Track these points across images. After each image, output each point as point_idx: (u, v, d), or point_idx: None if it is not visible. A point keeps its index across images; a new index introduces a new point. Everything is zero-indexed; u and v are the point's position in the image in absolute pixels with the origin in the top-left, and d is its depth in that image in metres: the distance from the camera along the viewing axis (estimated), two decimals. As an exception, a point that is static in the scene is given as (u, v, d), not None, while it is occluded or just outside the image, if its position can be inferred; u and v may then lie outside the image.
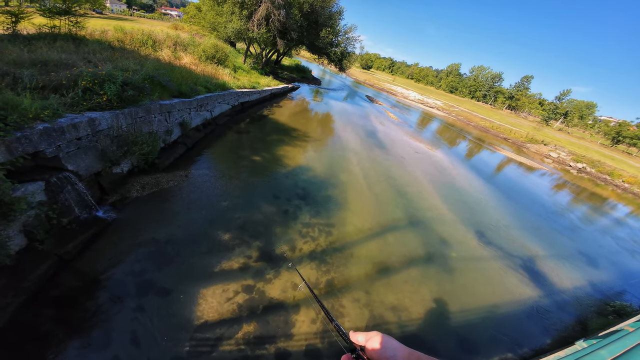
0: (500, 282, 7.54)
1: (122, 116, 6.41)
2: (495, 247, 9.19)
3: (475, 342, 5.52)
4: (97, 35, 11.49)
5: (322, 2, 24.48)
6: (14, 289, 3.92)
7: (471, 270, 7.62)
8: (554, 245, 10.76)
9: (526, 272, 8.30)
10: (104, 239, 5.32)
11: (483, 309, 6.38)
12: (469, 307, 6.28)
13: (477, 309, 6.31)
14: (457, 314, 6.03)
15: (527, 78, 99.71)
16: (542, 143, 37.31)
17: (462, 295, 6.58)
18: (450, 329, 5.68)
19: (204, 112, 11.34)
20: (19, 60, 6.27)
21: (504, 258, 8.71)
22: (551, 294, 7.68)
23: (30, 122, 4.55)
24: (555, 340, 6.12)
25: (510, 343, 5.75)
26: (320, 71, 58.94)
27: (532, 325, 6.42)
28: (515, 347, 5.68)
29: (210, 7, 21.66)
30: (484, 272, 7.76)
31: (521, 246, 9.78)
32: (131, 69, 7.68)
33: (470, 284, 7.04)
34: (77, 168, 5.38)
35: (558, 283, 8.29)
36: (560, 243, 11.15)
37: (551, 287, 7.99)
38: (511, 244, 9.68)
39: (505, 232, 10.50)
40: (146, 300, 4.51)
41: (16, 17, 9.15)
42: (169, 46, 14.44)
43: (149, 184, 7.17)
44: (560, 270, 8.99)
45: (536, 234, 11.16)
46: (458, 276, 7.19)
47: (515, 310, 6.66)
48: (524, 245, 9.93)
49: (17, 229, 4.25)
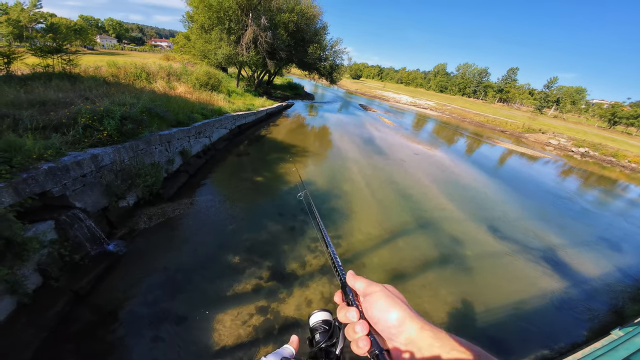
0: (523, 276, 7.38)
1: (124, 150, 6.58)
2: (511, 241, 9.06)
3: (506, 341, 5.37)
4: (91, 71, 11.94)
5: (306, 19, 25.46)
6: (35, 327, 3.96)
7: (490, 267, 7.50)
8: (571, 232, 10.60)
9: (548, 264, 8.13)
10: (116, 272, 5.34)
11: (509, 306, 6.22)
12: (494, 306, 6.13)
13: (502, 307, 6.15)
14: (483, 313, 5.88)
15: (513, 70, 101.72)
16: (540, 132, 37.51)
17: (484, 294, 6.44)
18: (477, 329, 5.53)
19: (202, 139, 11.59)
20: (17, 101, 6.48)
21: (522, 251, 8.56)
22: (578, 283, 7.49)
23: (35, 162, 4.66)
24: (590, 331, 5.94)
25: (543, 338, 5.58)
26: (312, 86, 60.37)
27: (563, 317, 6.24)
28: (549, 342, 5.50)
29: (198, 35, 22.51)
30: (504, 267, 7.62)
31: (537, 237, 9.64)
32: (128, 102, 7.92)
33: (492, 282, 6.90)
34: (85, 205, 5.48)
35: (584, 271, 8.09)
36: (577, 230, 10.99)
37: (577, 276, 7.81)
38: (527, 236, 9.54)
39: (519, 224, 10.38)
40: (163, 329, 4.46)
41: (8, 58, 9.46)
42: (162, 77, 14.97)
43: (156, 214, 7.25)
44: (583, 258, 8.80)
45: (551, 223, 11.02)
46: (477, 275, 7.06)
47: (543, 304, 6.49)
48: (540, 236, 9.78)
49: (32, 268, 4.31)
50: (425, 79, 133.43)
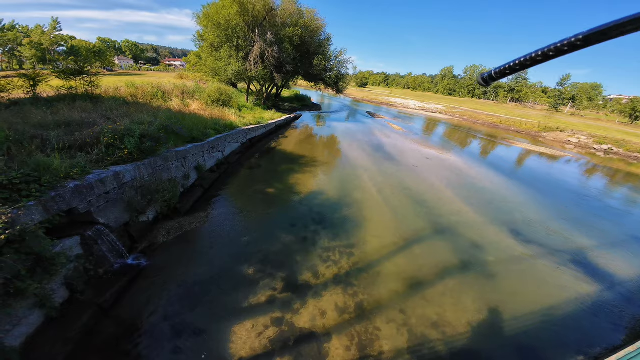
0: (552, 281, 7.06)
1: (144, 167, 6.90)
2: (537, 244, 8.69)
3: (537, 349, 5.12)
4: (111, 92, 12.69)
5: (310, 32, 26.19)
6: (62, 340, 4.12)
7: (515, 272, 7.22)
8: (601, 233, 10.08)
9: (579, 267, 7.74)
10: (138, 285, 5.51)
11: (539, 313, 5.95)
12: (521, 313, 5.87)
13: (531, 314, 5.89)
14: (510, 321, 5.64)
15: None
16: (558, 130, 36.28)
17: (510, 301, 6.18)
18: (505, 338, 5.30)
19: (216, 153, 11.95)
20: (44, 122, 6.96)
21: (550, 255, 8.18)
22: (613, 286, 7.10)
23: (62, 181, 4.95)
24: (629, 335, 5.60)
25: (578, 344, 5.31)
26: (319, 96, 61.30)
27: (599, 322, 5.92)
28: (585, 348, 5.23)
29: (209, 53, 23.60)
30: (531, 273, 7.31)
31: (565, 239, 9.22)
32: (146, 121, 8.35)
33: (518, 288, 6.63)
34: (108, 220, 5.75)
35: (618, 273, 7.66)
36: (607, 230, 10.44)
37: (611, 278, 7.41)
38: (553, 239, 9.15)
39: (543, 226, 9.97)
40: (182, 341, 4.54)
41: (34, 81, 10.21)
42: (177, 95, 15.70)
43: (173, 228, 7.48)
44: (616, 260, 8.34)
45: (578, 224, 10.53)
46: (501, 281, 6.80)
47: (576, 309, 6.18)
48: (568, 238, 9.36)
49: (60, 282, 4.53)
50: (432, 83, 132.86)
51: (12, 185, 4.21)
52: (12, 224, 3.71)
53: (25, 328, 3.97)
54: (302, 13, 25.83)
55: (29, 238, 3.93)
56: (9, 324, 3.77)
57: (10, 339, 3.76)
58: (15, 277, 3.69)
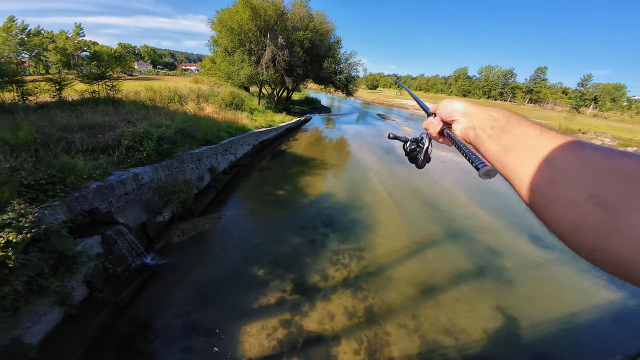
0: (574, 287, 6.78)
1: (161, 169, 7.13)
2: (556, 249, 8.31)
3: (555, 356, 4.94)
4: (131, 96, 13.22)
5: (320, 35, 26.39)
6: (79, 337, 4.26)
7: (534, 279, 6.96)
8: None
9: (600, 273, 7.33)
10: (153, 284, 5.68)
11: (559, 320, 5.71)
12: (540, 320, 5.65)
13: (551, 321, 5.66)
14: (528, 329, 5.44)
15: (542, 69, 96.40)
16: (580, 132, 34.86)
17: (529, 308, 5.96)
18: (522, 345, 5.12)
19: (229, 156, 12.20)
20: (69, 125, 7.32)
21: (570, 260, 7.82)
22: (637, 292, 6.72)
23: (85, 182, 5.16)
24: None
25: (598, 352, 5.09)
26: (329, 99, 61.48)
27: (621, 330, 5.64)
28: (606, 356, 5.02)
29: (222, 58, 24.23)
30: (551, 279, 7.06)
31: None
32: (164, 124, 8.65)
33: (537, 295, 6.39)
34: (127, 220, 5.98)
35: None
36: None
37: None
38: None
39: None
40: (193, 340, 4.63)
41: (60, 85, 10.76)
42: (192, 99, 16.18)
43: (188, 228, 7.67)
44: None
45: None
46: (520, 287, 6.57)
47: (599, 316, 5.92)
48: None
49: (80, 280, 4.72)
50: (445, 85, 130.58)
51: (38, 186, 4.43)
52: (38, 223, 3.89)
53: (44, 325, 4.10)
54: (312, 16, 26.10)
55: (53, 237, 4.12)
56: (30, 320, 3.89)
57: (29, 335, 3.86)
58: (38, 275, 3.84)
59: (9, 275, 3.47)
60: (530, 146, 0.49)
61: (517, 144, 0.51)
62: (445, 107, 0.73)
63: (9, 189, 4.10)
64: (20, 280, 3.58)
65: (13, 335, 3.65)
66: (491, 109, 0.61)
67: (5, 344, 3.53)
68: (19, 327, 3.74)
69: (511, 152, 0.51)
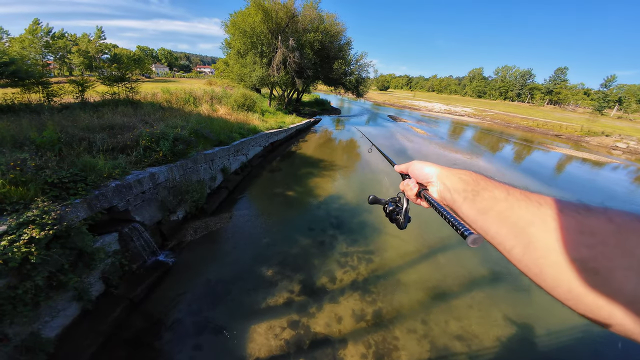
0: None
1: (176, 169, 7.34)
2: None
3: None
4: (149, 98, 13.66)
5: (330, 37, 26.43)
6: (94, 332, 4.42)
7: None
8: None
9: None
10: (166, 282, 5.84)
11: (576, 328, 5.48)
12: (557, 328, 5.46)
13: (568, 329, 5.46)
14: (544, 337, 5.27)
15: (562, 70, 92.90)
16: (603, 134, 33.29)
17: (546, 315, 5.75)
18: (537, 353, 4.96)
19: (240, 157, 12.40)
20: (90, 125, 7.63)
21: None
22: None
23: (105, 180, 5.36)
24: None
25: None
26: (339, 100, 61.39)
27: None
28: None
29: (235, 60, 24.70)
30: None
31: None
32: (179, 125, 8.88)
33: (554, 302, 6.08)
34: (143, 218, 6.19)
35: None
36: None
37: None
38: None
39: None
40: (203, 338, 4.74)
41: (82, 87, 11.23)
42: (206, 101, 16.56)
43: (200, 227, 7.85)
44: None
45: None
46: (537, 295, 6.32)
47: None
48: None
49: (97, 276, 4.90)
50: (459, 85, 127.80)
51: (61, 184, 4.63)
52: (60, 220, 4.07)
53: (62, 320, 4.23)
54: (323, 18, 26.17)
55: (73, 234, 4.29)
56: (49, 315, 4.02)
57: (47, 330, 3.99)
58: (58, 271, 3.99)
59: (31, 270, 3.63)
60: (500, 210, 0.50)
61: (490, 208, 0.52)
62: (419, 170, 0.78)
63: (34, 186, 4.32)
64: (42, 275, 3.74)
65: (32, 330, 3.80)
66: (461, 172, 0.66)
67: (23, 338, 3.67)
68: (38, 321, 3.89)
69: (486, 216, 0.52)
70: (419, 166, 0.78)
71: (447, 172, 0.69)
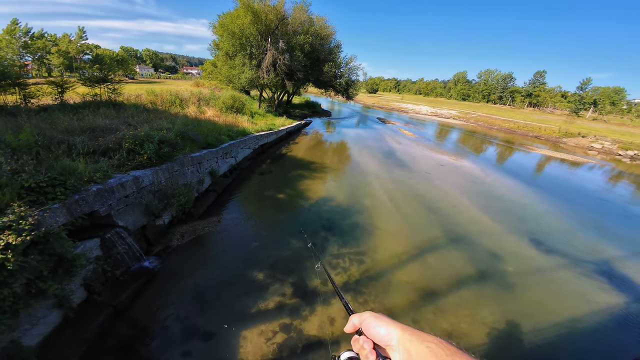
0: (576, 292, 6.75)
1: (161, 172, 7.13)
2: (559, 254, 8.33)
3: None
4: (133, 99, 13.25)
5: (320, 40, 26.58)
6: (77, 340, 4.23)
7: (536, 283, 6.93)
8: (628, 243, 9.58)
9: (604, 278, 7.37)
10: (152, 288, 5.64)
11: (561, 325, 5.69)
12: (543, 325, 5.62)
13: (554, 326, 5.64)
14: (530, 334, 5.41)
15: (541, 73, 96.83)
16: (580, 135, 34.89)
17: (531, 312, 5.94)
18: (524, 350, 5.08)
19: (229, 159, 12.22)
20: (70, 128, 7.32)
21: (573, 265, 7.83)
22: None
23: (85, 184, 5.14)
24: None
25: (603, 356, 5.08)
26: (329, 103, 61.70)
27: (624, 335, 5.61)
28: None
29: (223, 61, 24.41)
30: (553, 284, 7.02)
31: (589, 249, 8.80)
32: (164, 127, 8.65)
33: (539, 299, 6.37)
34: (127, 223, 5.96)
35: None
36: (634, 240, 9.91)
37: (638, 290, 7.04)
38: (577, 249, 8.75)
39: (566, 236, 9.56)
40: (192, 345, 4.59)
41: (62, 88, 10.79)
42: (193, 102, 16.26)
43: (187, 232, 7.65)
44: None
45: (604, 234, 10.04)
46: (521, 292, 6.54)
47: (602, 322, 5.89)
48: (592, 247, 8.93)
49: (79, 283, 4.69)
50: (445, 88, 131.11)
51: (39, 188, 4.42)
52: (37, 225, 3.87)
53: (42, 328, 4.08)
54: (313, 21, 26.31)
55: (52, 239, 4.10)
56: (29, 323, 3.88)
57: (28, 338, 3.85)
58: (37, 278, 3.82)
59: (8, 277, 3.44)
60: None
61: None
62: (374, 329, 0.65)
63: (10, 191, 4.09)
64: (20, 282, 3.56)
65: (12, 338, 3.62)
66: (429, 339, 0.57)
67: (4, 346, 3.50)
68: (17, 329, 3.72)
69: None
70: (374, 324, 0.64)
71: (411, 337, 0.58)
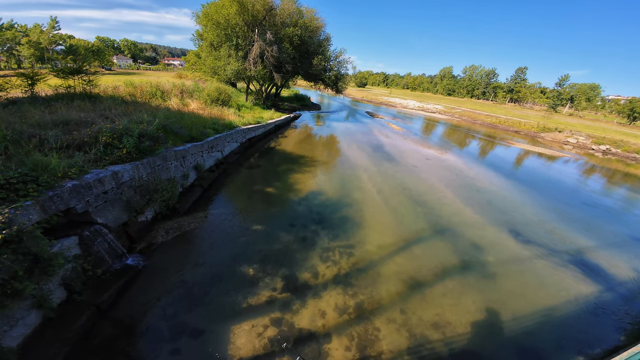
0: (551, 281, 7.11)
1: (142, 166, 6.85)
2: (536, 245, 8.73)
3: (538, 350, 5.15)
4: (110, 91, 12.56)
5: (309, 32, 26.10)
6: (60, 340, 4.07)
7: (515, 273, 7.25)
8: (601, 233, 10.15)
9: (578, 267, 7.80)
10: (136, 286, 5.47)
11: (539, 313, 5.98)
12: (522, 314, 5.90)
13: (532, 314, 5.93)
14: (510, 322, 5.67)
15: (522, 70, 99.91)
16: (557, 130, 36.46)
17: (511, 301, 6.21)
18: (505, 339, 5.31)
19: (215, 153, 11.90)
20: (42, 121, 6.88)
21: (549, 255, 8.23)
22: (613, 286, 7.16)
23: (60, 180, 4.87)
24: (628, 335, 5.65)
25: (578, 345, 5.34)
26: (318, 96, 61.23)
27: (599, 322, 5.97)
28: (585, 349, 5.28)
29: (208, 52, 23.51)
30: (530, 273, 7.35)
31: (564, 240, 9.27)
32: (145, 120, 8.27)
33: (518, 289, 6.66)
34: (106, 220, 5.70)
35: (618, 274, 7.72)
36: (608, 231, 10.51)
37: (611, 279, 7.48)
38: (553, 240, 9.19)
39: (543, 227, 10.02)
40: (181, 342, 4.51)
41: (32, 80, 10.10)
42: (176, 95, 15.62)
43: (172, 228, 7.43)
44: (616, 260, 8.40)
45: (578, 225, 10.59)
46: (502, 282, 6.83)
47: (576, 310, 6.24)
48: (567, 238, 9.41)
49: (57, 282, 4.48)
50: (431, 83, 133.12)
51: (9, 185, 4.16)
52: (9, 223, 3.66)
53: (22, 329, 3.93)
54: (302, 13, 25.76)
55: (26, 238, 3.88)
56: (6, 324, 3.74)
57: (7, 339, 3.72)
58: (12, 278, 3.64)
59: (-22, 279, 3.23)
60: None
61: None
62: None
63: (-25, 188, 3.80)
64: (-9, 284, 3.35)
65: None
66: None
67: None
68: (-5, 331, 3.55)
69: None
70: None
71: None
